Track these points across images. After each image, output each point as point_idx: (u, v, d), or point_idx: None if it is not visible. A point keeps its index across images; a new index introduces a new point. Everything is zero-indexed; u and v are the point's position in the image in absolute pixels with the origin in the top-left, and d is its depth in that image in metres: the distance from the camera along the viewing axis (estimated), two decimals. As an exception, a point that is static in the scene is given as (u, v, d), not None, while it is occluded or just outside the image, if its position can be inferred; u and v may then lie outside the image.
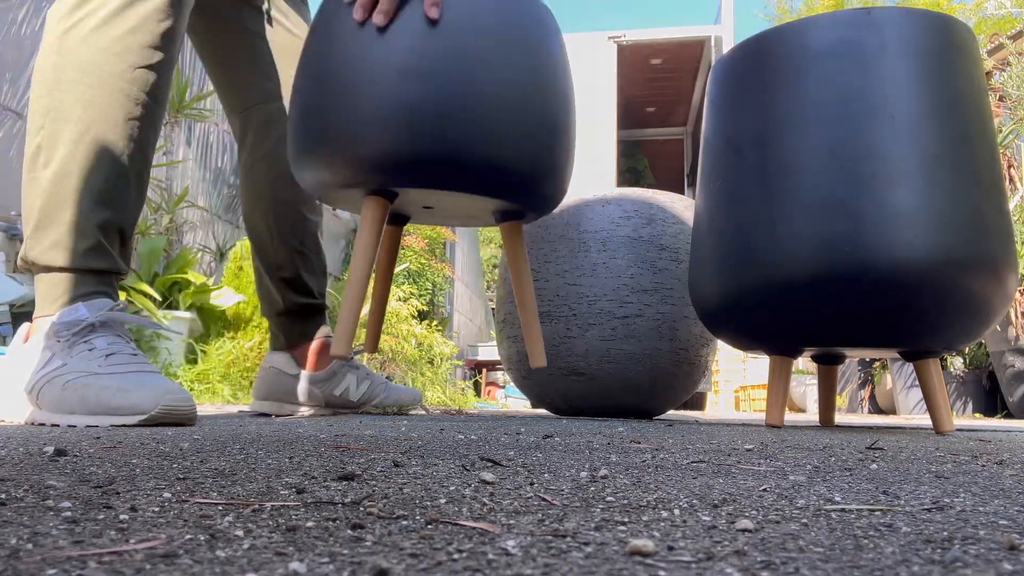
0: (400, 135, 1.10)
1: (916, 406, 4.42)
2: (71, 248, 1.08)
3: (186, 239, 3.38)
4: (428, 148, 1.11)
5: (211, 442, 0.73)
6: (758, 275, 1.28)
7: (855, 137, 1.22)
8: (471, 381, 6.28)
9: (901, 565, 0.27)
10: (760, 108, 1.32)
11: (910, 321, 1.23)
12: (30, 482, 0.43)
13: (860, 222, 1.19)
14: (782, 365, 1.42)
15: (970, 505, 0.43)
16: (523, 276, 1.35)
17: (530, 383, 1.91)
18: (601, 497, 0.43)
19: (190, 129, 3.47)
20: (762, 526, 0.35)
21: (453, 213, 1.36)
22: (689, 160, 6.92)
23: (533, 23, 1.20)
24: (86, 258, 1.08)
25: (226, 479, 0.46)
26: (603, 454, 0.71)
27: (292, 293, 1.50)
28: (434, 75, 1.10)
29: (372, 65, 1.11)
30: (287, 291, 1.50)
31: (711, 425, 1.54)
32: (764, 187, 1.29)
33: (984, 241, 1.21)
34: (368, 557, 0.27)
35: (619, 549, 0.29)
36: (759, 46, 1.36)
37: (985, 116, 1.28)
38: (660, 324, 1.76)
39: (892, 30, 1.25)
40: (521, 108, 1.16)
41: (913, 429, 1.63)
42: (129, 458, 0.57)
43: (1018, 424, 2.51)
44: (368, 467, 0.55)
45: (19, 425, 0.99)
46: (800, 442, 0.96)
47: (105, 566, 0.25)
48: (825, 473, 0.58)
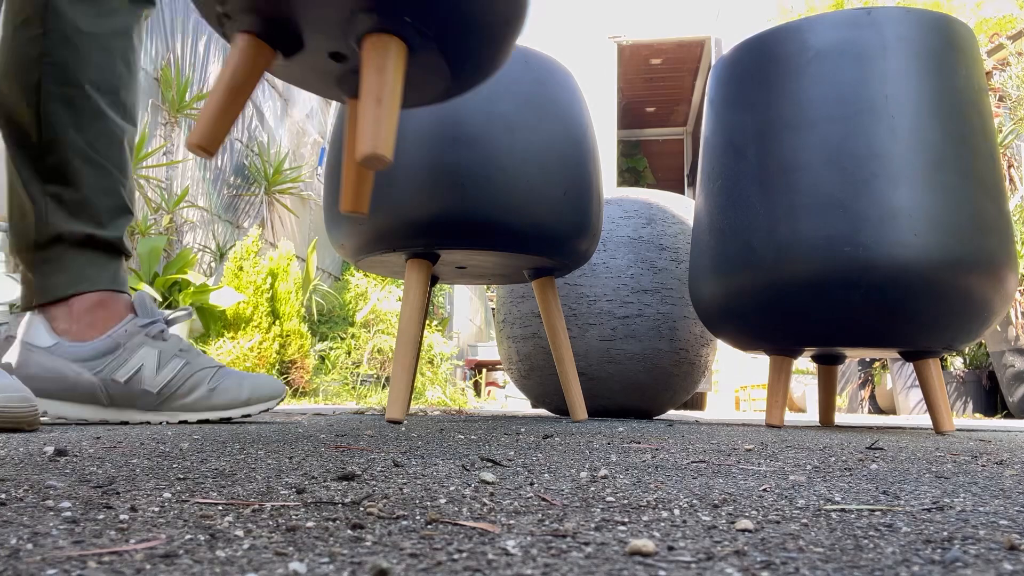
0: (448, 199, 1.15)
1: (916, 406, 4.42)
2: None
3: (186, 239, 3.38)
4: (474, 211, 1.15)
5: (211, 442, 0.73)
6: (758, 275, 1.28)
7: (855, 137, 1.22)
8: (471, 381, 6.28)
9: (901, 565, 0.27)
10: (760, 108, 1.32)
11: (910, 321, 1.23)
12: (30, 482, 0.43)
13: (860, 222, 1.19)
14: (782, 365, 1.42)
15: (970, 505, 0.43)
16: (559, 330, 1.39)
17: (530, 383, 1.91)
18: (601, 497, 0.43)
19: (190, 129, 3.48)
20: (762, 526, 0.35)
21: (485, 272, 1.41)
22: (689, 160, 6.92)
23: (561, 87, 1.26)
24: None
25: (226, 479, 0.46)
26: (603, 454, 0.71)
27: (65, 216, 1.02)
28: (478, 141, 1.15)
29: (415, 132, 1.15)
30: (57, 211, 1.02)
31: (711, 425, 1.54)
32: (764, 187, 1.29)
33: (984, 241, 1.21)
34: (368, 557, 0.27)
35: (619, 549, 0.29)
36: (759, 46, 1.36)
37: (985, 116, 1.28)
38: (660, 324, 1.76)
39: (892, 30, 1.25)
40: (558, 169, 1.22)
41: (913, 429, 1.63)
42: (129, 458, 0.57)
43: (1018, 424, 2.51)
44: (368, 467, 0.55)
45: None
46: (800, 442, 0.96)
47: (105, 566, 0.25)
48: (825, 473, 0.58)
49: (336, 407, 2.57)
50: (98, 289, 1.03)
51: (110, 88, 1.05)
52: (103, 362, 1.00)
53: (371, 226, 1.20)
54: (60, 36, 1.01)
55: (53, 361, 0.98)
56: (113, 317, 1.03)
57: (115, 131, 1.06)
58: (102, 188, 1.04)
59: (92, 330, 1.02)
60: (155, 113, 3.18)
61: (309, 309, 4.25)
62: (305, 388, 3.64)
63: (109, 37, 1.06)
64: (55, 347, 0.99)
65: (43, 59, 1.00)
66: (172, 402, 1.04)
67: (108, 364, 1.00)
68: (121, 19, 1.08)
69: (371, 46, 0.73)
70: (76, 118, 1.02)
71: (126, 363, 1.01)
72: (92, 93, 1.03)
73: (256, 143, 4.15)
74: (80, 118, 1.03)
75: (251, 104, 4.16)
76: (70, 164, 1.02)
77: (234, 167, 3.91)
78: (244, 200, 4.00)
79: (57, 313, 1.02)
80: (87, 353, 1.00)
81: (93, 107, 1.04)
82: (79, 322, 1.01)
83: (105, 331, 1.02)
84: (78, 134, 1.02)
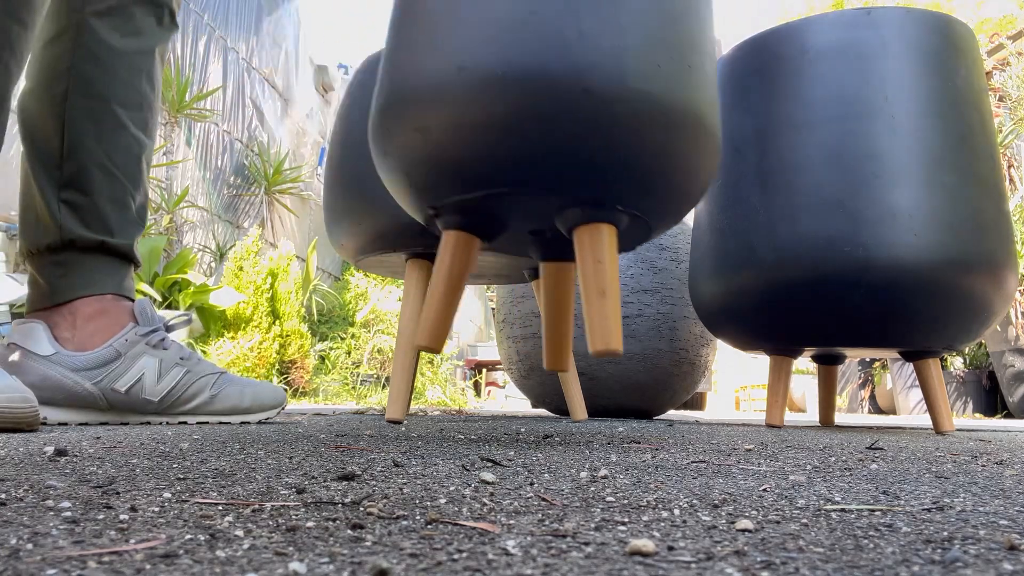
0: None
1: (916, 406, 4.42)
2: None
3: (186, 239, 3.38)
4: None
5: (211, 442, 0.73)
6: (758, 275, 1.28)
7: (855, 137, 1.22)
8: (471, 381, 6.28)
9: (901, 565, 0.27)
10: (760, 108, 1.32)
11: (910, 321, 1.23)
12: (30, 482, 0.43)
13: (860, 222, 1.19)
14: (782, 365, 1.42)
15: (970, 505, 0.43)
16: None
17: (530, 383, 1.91)
18: (601, 497, 0.43)
19: (190, 129, 3.47)
20: (762, 526, 0.35)
21: (485, 272, 1.42)
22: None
23: None
24: None
25: (226, 479, 0.46)
26: (603, 454, 0.71)
27: (79, 222, 1.04)
28: None
29: None
30: (72, 217, 1.04)
31: (711, 425, 1.54)
32: (764, 187, 1.29)
33: (984, 241, 1.21)
34: (368, 557, 0.27)
35: (619, 549, 0.29)
36: (759, 46, 1.36)
37: (985, 116, 1.28)
38: (660, 324, 1.76)
39: (892, 30, 1.25)
40: None
41: (913, 429, 1.63)
42: (129, 458, 0.57)
43: (1018, 424, 2.51)
44: (368, 467, 0.55)
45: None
46: (800, 442, 0.96)
47: (105, 566, 0.25)
48: (825, 473, 0.58)
49: (336, 407, 2.57)
50: (104, 293, 1.04)
51: (133, 104, 1.09)
52: (103, 372, 1.01)
53: (371, 226, 1.20)
54: (89, 52, 1.05)
55: (52, 369, 0.99)
56: (114, 325, 1.04)
57: (133, 145, 1.09)
58: (116, 198, 1.07)
59: (93, 338, 1.02)
60: (155, 113, 3.18)
61: (309, 309, 4.25)
62: (305, 388, 3.64)
63: (135, 55, 1.09)
64: (54, 356, 0.99)
65: (71, 72, 1.04)
66: (173, 409, 1.06)
67: (108, 374, 1.01)
68: (148, 39, 1.12)
69: (585, 236, 0.75)
70: (98, 130, 1.05)
71: (126, 373, 1.02)
72: (115, 108, 1.07)
73: (256, 143, 4.15)
74: (102, 130, 1.05)
75: (251, 104, 4.16)
76: (87, 173, 1.04)
77: (234, 167, 3.90)
78: (244, 200, 4.00)
79: (60, 319, 1.02)
80: (86, 363, 1.00)
81: (115, 120, 1.07)
82: (81, 330, 1.02)
83: (106, 340, 1.02)
84: (98, 144, 1.05)
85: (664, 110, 0.71)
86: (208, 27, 3.66)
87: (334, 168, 1.26)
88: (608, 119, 0.69)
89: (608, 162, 0.71)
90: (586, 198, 0.74)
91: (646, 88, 0.70)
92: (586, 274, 0.74)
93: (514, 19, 0.69)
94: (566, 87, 0.68)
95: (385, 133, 0.77)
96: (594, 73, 0.68)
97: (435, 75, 0.72)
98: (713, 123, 0.78)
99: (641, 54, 0.70)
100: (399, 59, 0.76)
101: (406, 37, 0.76)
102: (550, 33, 0.68)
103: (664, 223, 0.82)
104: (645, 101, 0.69)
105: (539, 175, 0.71)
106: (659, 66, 0.71)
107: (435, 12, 0.74)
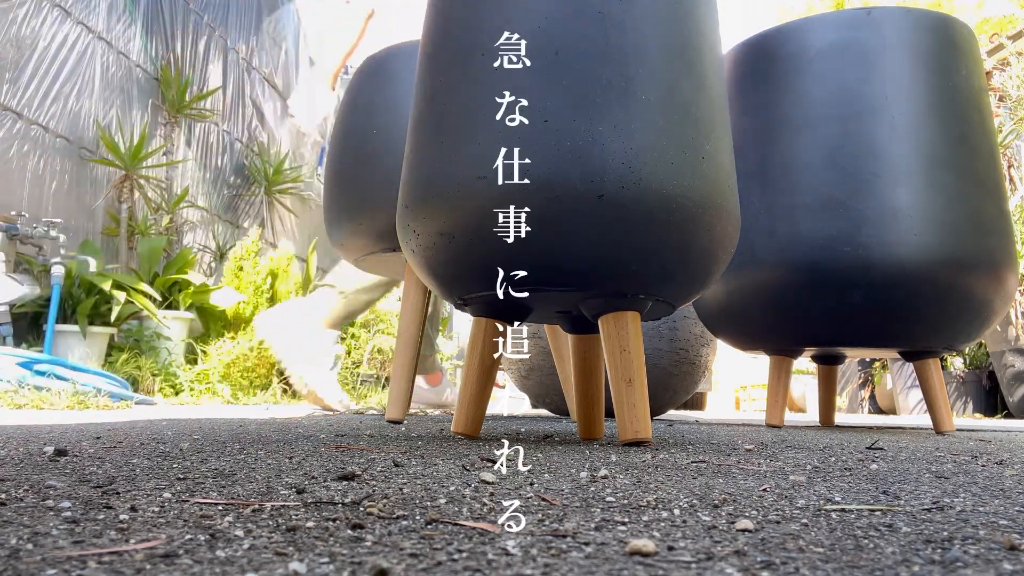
0: None
1: (916, 406, 4.41)
2: None
3: (186, 239, 3.38)
4: None
5: (211, 442, 0.73)
6: (758, 275, 1.28)
7: (855, 137, 1.22)
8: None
9: (901, 565, 0.27)
10: (760, 108, 1.32)
11: (910, 321, 1.23)
12: (30, 482, 0.43)
13: (860, 222, 1.19)
14: (782, 365, 1.42)
15: (970, 505, 0.43)
16: (559, 330, 1.41)
17: (530, 383, 1.91)
18: (601, 497, 0.43)
19: (190, 129, 3.47)
20: (762, 526, 0.35)
21: None
22: (689, 160, 6.91)
23: None
24: None
25: (226, 479, 0.46)
26: (603, 454, 0.71)
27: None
28: None
29: None
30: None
31: (711, 425, 1.54)
32: (764, 187, 1.29)
33: (984, 241, 1.21)
34: (368, 557, 0.27)
35: (619, 549, 0.29)
36: (759, 46, 1.36)
37: (985, 116, 1.28)
38: (660, 324, 1.76)
39: (892, 30, 1.25)
40: None
41: (913, 429, 1.63)
42: (129, 458, 0.57)
43: (1018, 424, 2.50)
44: (368, 467, 0.55)
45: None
46: (800, 442, 0.96)
47: (105, 566, 0.25)
48: (825, 473, 0.58)
49: (336, 407, 2.57)
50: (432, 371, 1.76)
51: None
52: (436, 392, 1.82)
53: (371, 226, 1.19)
54: None
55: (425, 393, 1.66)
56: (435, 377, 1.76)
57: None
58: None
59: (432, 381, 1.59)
60: (155, 113, 3.18)
61: (309, 309, 4.24)
62: (305, 388, 3.63)
63: None
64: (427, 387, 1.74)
65: None
66: (449, 407, 1.81)
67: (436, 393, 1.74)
68: None
69: (611, 324, 0.79)
70: None
71: (444, 392, 1.75)
72: None
73: (256, 143, 4.15)
74: None
75: (251, 104, 4.16)
76: None
77: (234, 167, 3.91)
78: (244, 200, 4.00)
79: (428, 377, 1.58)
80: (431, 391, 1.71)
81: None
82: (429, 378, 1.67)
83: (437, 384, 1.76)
84: None
85: (678, 205, 0.73)
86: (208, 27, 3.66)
87: (334, 168, 1.26)
88: (624, 222, 0.72)
89: (626, 260, 0.74)
90: (609, 291, 0.77)
91: (659, 187, 0.72)
92: (613, 363, 0.77)
93: (531, 128, 0.71)
94: (581, 194, 0.70)
95: (411, 232, 0.81)
96: (607, 179, 0.70)
97: (456, 182, 0.75)
98: (731, 204, 0.80)
99: (653, 154, 0.72)
100: (420, 160, 0.80)
101: (427, 139, 0.80)
102: (564, 141, 0.71)
103: (687, 300, 0.85)
104: (659, 200, 0.72)
105: (561, 275, 0.75)
106: (672, 163, 0.73)
107: (454, 117, 0.78)
